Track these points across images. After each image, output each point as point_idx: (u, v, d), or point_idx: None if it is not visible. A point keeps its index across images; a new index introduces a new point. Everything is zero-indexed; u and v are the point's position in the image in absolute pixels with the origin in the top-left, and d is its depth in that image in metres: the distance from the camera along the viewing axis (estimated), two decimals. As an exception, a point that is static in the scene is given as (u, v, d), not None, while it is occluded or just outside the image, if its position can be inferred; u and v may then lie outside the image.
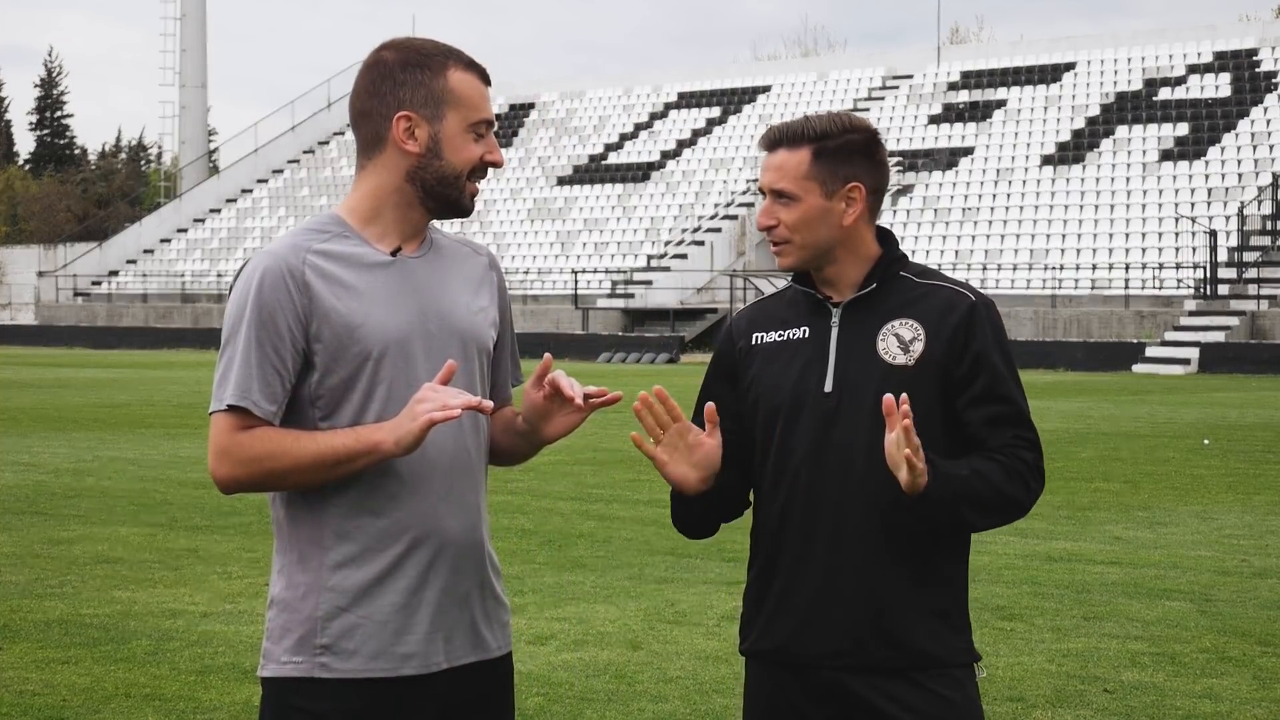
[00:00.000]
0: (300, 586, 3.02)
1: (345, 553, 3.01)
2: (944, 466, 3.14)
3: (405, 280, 3.06)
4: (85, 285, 61.76)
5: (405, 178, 3.06)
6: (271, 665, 3.04)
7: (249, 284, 3.00)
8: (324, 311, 2.99)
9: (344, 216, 3.09)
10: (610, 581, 9.46)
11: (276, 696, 3.03)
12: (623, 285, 48.44)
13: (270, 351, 2.97)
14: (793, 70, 61.00)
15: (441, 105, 3.04)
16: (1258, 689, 7.03)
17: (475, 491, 3.12)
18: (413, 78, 3.04)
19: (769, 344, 3.33)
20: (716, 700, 6.74)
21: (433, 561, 3.04)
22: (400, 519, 3.02)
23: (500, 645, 3.16)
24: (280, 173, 66.23)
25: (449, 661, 3.06)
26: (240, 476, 2.96)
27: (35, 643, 7.78)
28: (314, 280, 2.99)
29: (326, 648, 2.99)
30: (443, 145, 3.05)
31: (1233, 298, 38.79)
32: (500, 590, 3.19)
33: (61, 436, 18.51)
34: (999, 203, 46.95)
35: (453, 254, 3.17)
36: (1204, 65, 50.17)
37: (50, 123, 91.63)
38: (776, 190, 3.26)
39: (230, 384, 2.97)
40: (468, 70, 3.08)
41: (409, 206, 3.08)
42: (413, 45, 3.09)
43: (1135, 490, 13.79)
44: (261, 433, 2.96)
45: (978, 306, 3.26)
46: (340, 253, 3.03)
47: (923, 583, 3.22)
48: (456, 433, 3.08)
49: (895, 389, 3.20)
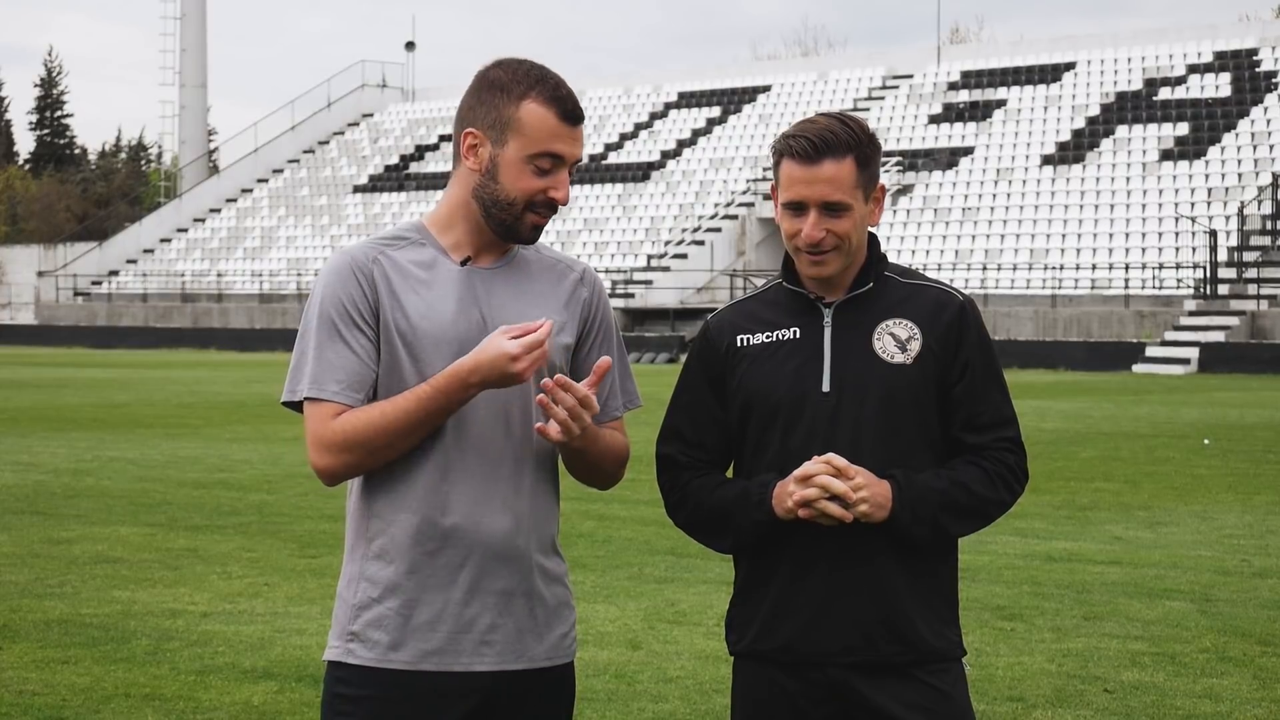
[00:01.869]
0: (348, 575, 3.15)
1: (381, 546, 3.09)
2: (917, 484, 3.19)
3: (472, 289, 3.11)
4: (85, 285, 61.75)
5: (471, 194, 3.12)
6: (327, 649, 3.17)
7: (320, 279, 3.11)
8: (389, 305, 3.07)
9: (426, 224, 3.17)
10: (610, 581, 9.46)
11: (327, 678, 3.15)
12: (623, 285, 48.42)
13: (343, 337, 3.05)
14: (793, 70, 61.00)
15: (506, 130, 3.07)
16: (1258, 689, 7.03)
17: (526, 496, 3.12)
18: (491, 98, 3.09)
19: (756, 345, 3.31)
20: (716, 700, 6.74)
21: (464, 563, 3.08)
22: (432, 517, 3.07)
23: (551, 657, 3.17)
24: (280, 173, 66.21)
25: (481, 664, 3.09)
26: (338, 464, 3.04)
27: (35, 643, 7.77)
28: (380, 276, 3.08)
29: (355, 635, 3.10)
30: (500, 169, 3.08)
31: (1233, 298, 38.80)
32: (558, 600, 3.20)
33: (61, 436, 18.50)
34: (999, 203, 46.94)
35: (539, 268, 3.20)
36: (1204, 65, 50.17)
37: (50, 122, 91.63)
38: (830, 203, 3.19)
39: (305, 375, 3.06)
40: (547, 104, 3.08)
41: (478, 220, 3.13)
42: (512, 67, 3.12)
43: (1135, 490, 13.79)
44: (349, 415, 3.03)
45: (966, 307, 3.31)
46: (411, 257, 3.11)
47: (921, 577, 3.25)
48: (504, 435, 3.10)
49: (896, 387, 3.23)
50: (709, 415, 3.34)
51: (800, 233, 3.21)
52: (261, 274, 57.59)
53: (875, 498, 3.14)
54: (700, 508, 3.31)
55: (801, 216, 3.21)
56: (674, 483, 3.37)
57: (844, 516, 3.13)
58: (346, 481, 3.14)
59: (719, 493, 3.29)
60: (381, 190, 61.53)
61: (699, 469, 3.36)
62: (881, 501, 3.15)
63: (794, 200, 3.21)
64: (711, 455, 3.36)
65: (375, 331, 3.06)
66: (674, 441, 3.38)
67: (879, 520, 3.16)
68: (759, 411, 3.28)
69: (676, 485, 3.36)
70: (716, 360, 3.35)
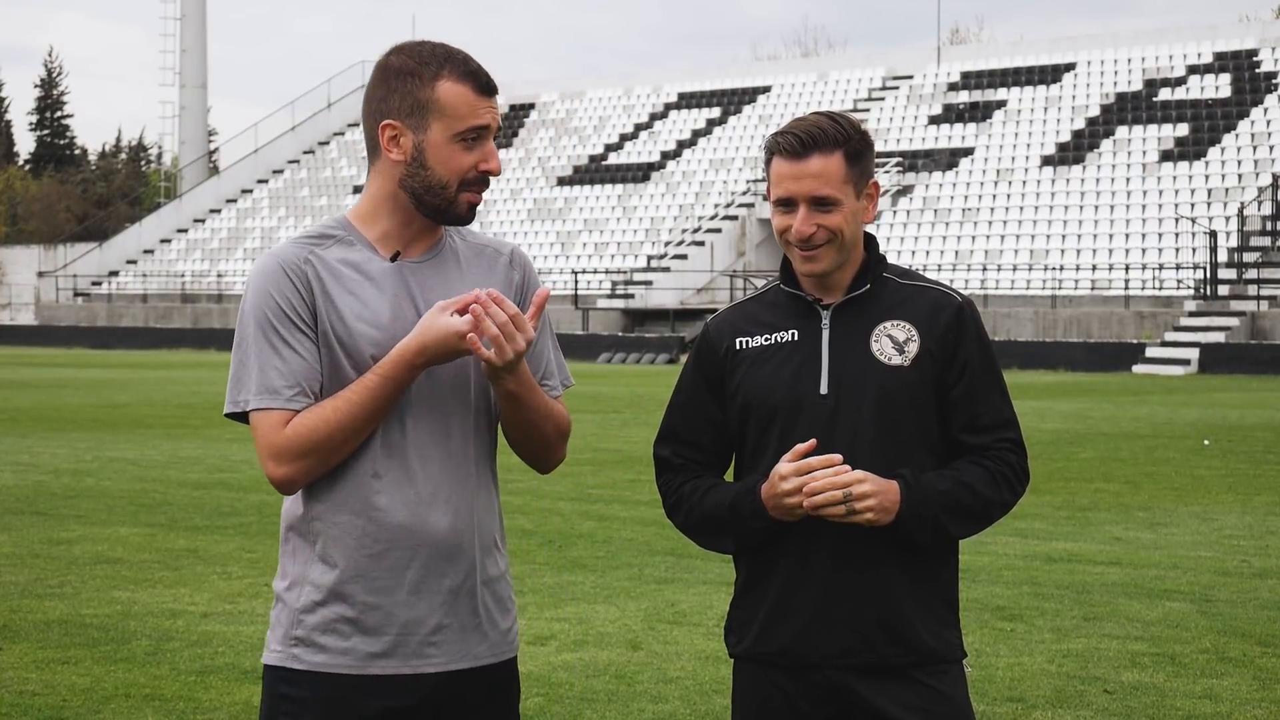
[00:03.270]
0: (289, 578, 3.08)
1: (324, 548, 3.04)
2: (923, 484, 3.19)
3: (405, 286, 3.05)
4: (85, 285, 61.76)
5: (398, 184, 3.06)
6: (266, 653, 3.12)
7: (252, 283, 3.04)
8: (324, 308, 3.01)
9: (351, 220, 3.11)
10: (610, 581, 9.46)
11: (269, 681, 3.10)
12: (623, 285, 48.42)
13: (286, 341, 2.99)
14: (793, 70, 60.99)
15: (427, 115, 3.02)
16: (1258, 689, 7.03)
17: (469, 494, 3.09)
18: (402, 86, 3.03)
19: (755, 348, 3.31)
20: (716, 700, 6.74)
21: (411, 562, 3.03)
22: (378, 518, 3.02)
23: (496, 653, 3.13)
24: (280, 173, 66.21)
25: (429, 666, 3.05)
26: (296, 471, 2.98)
27: (35, 643, 7.77)
28: (313, 277, 3.02)
29: (300, 639, 3.05)
30: (427, 154, 3.02)
31: (1233, 298, 38.79)
32: (501, 597, 3.16)
33: (61, 436, 18.50)
34: (999, 203, 46.94)
35: (468, 254, 3.15)
36: (1204, 65, 50.16)
37: (50, 123, 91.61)
38: (819, 198, 3.20)
39: (250, 384, 3.00)
40: (461, 80, 3.03)
41: (407, 211, 3.07)
42: (414, 50, 3.06)
43: (1135, 490, 13.79)
44: (300, 420, 2.97)
45: (964, 308, 3.30)
46: (340, 256, 3.05)
47: (921, 579, 3.25)
48: (445, 434, 3.06)
49: (893, 389, 3.23)
50: (704, 417, 3.34)
51: (790, 228, 3.22)
52: (261, 274, 57.53)
53: (883, 502, 3.13)
54: (694, 513, 3.32)
55: (791, 213, 3.23)
56: (669, 485, 3.37)
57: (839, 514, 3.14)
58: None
59: (710, 499, 3.29)
60: (381, 190, 61.47)
61: (691, 471, 3.35)
62: (889, 506, 3.14)
63: (783, 196, 3.23)
64: (706, 457, 3.36)
65: (315, 333, 3.00)
66: (669, 443, 3.38)
67: (885, 524, 3.16)
68: (757, 413, 3.28)
69: (672, 488, 3.37)
70: (715, 362, 3.35)
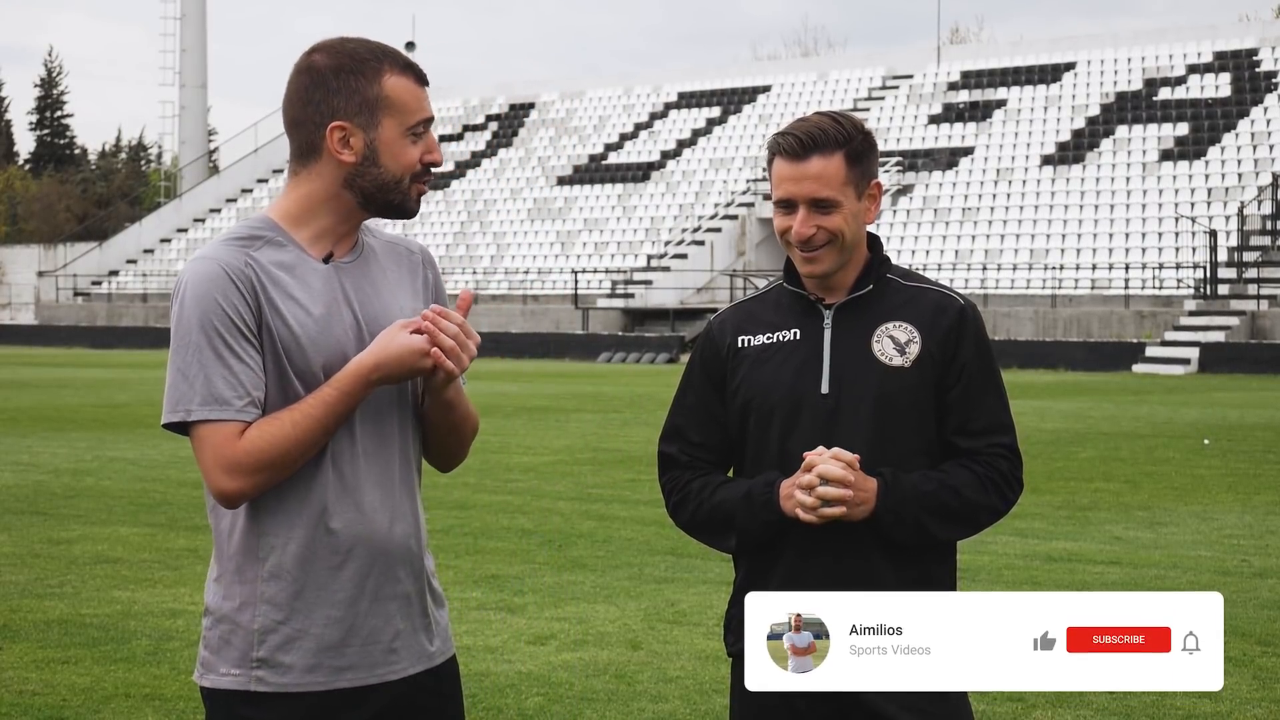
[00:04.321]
0: (237, 598, 2.99)
1: (279, 565, 2.97)
2: (904, 484, 3.20)
3: (340, 288, 3.01)
4: (85, 285, 61.74)
5: (342, 184, 3.01)
6: (211, 676, 3.01)
7: (192, 289, 2.93)
8: (269, 313, 2.94)
9: (276, 219, 3.04)
10: (610, 581, 9.46)
11: (224, 707, 3.00)
12: (623, 285, 48.42)
13: (233, 350, 2.91)
14: (793, 70, 60.98)
15: (377, 112, 2.98)
16: (1258, 689, 7.03)
17: (411, 498, 3.08)
18: (346, 85, 2.98)
19: (757, 346, 3.32)
20: (716, 700, 6.74)
21: (369, 571, 3.00)
22: (333, 529, 2.97)
23: (443, 650, 3.13)
24: (280, 173, 66.18)
25: (393, 674, 3.03)
26: (249, 485, 2.90)
27: (35, 643, 7.77)
28: (257, 282, 2.94)
29: (263, 661, 2.97)
30: (380, 152, 2.99)
31: (1233, 298, 38.78)
32: (437, 593, 3.16)
33: (61, 436, 18.50)
34: (999, 203, 46.94)
35: (386, 255, 3.12)
36: (1204, 65, 50.17)
37: (50, 122, 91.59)
38: (818, 200, 3.21)
39: (196, 394, 2.90)
40: (403, 73, 3.01)
41: (344, 211, 3.03)
42: (345, 49, 3.01)
43: (1135, 490, 13.78)
44: (255, 432, 2.89)
45: (966, 311, 3.31)
46: (273, 258, 2.98)
47: (916, 582, 3.25)
48: (387, 439, 3.04)
49: (894, 390, 3.24)
50: (711, 415, 3.35)
51: (791, 229, 3.23)
52: (261, 274, 57.57)
53: (857, 495, 3.16)
54: (702, 508, 3.32)
55: (791, 214, 3.24)
56: (675, 483, 3.37)
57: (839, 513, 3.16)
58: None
59: (721, 493, 3.29)
60: (381, 190, 61.47)
61: (700, 469, 3.36)
62: (862, 499, 3.16)
63: (783, 198, 3.24)
64: (713, 455, 3.37)
65: (261, 341, 2.93)
66: (675, 441, 3.38)
67: (858, 519, 3.18)
68: (758, 412, 3.29)
69: (678, 485, 3.37)
70: (718, 361, 3.36)
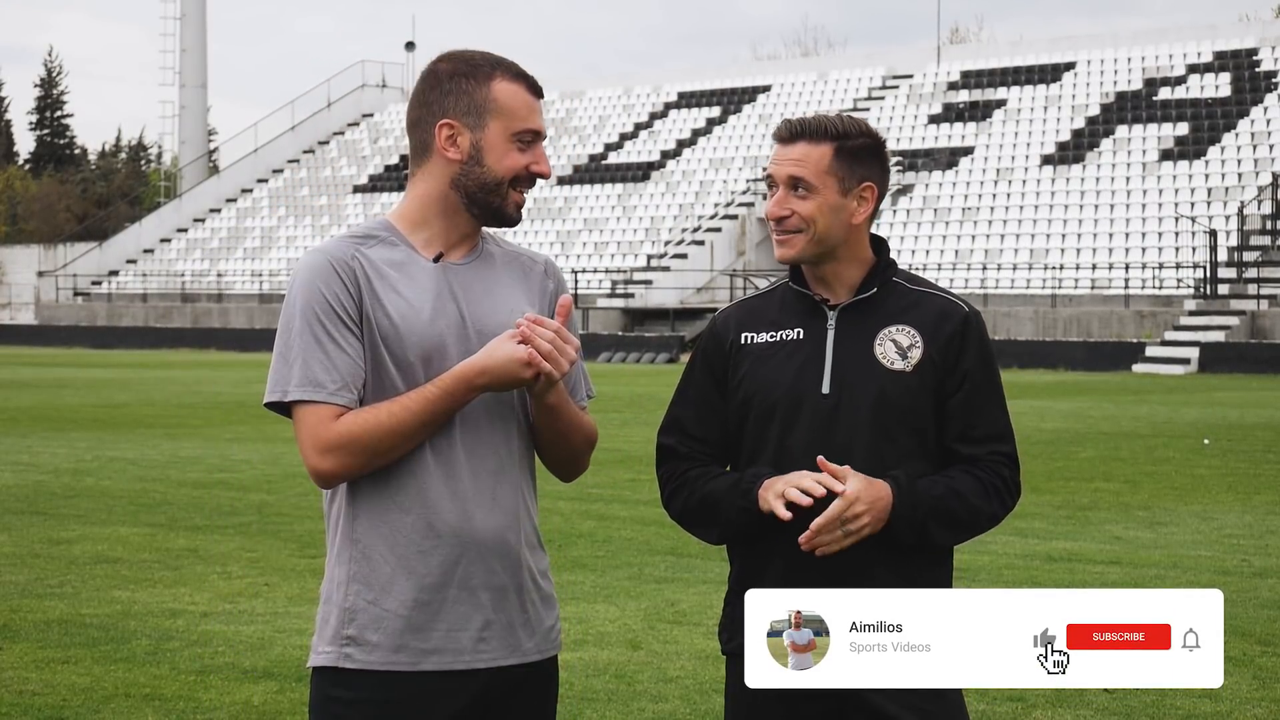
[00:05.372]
0: (335, 579, 3.11)
1: (371, 546, 3.07)
2: (916, 487, 3.21)
3: (447, 286, 3.10)
4: (85, 285, 61.75)
5: (449, 184, 3.12)
6: (313, 655, 3.13)
7: (300, 277, 3.07)
8: (370, 305, 3.05)
9: (394, 222, 3.15)
10: (610, 581, 9.46)
11: (317, 685, 3.12)
12: (623, 285, 48.43)
13: (332, 337, 3.03)
14: (793, 70, 60.98)
15: (484, 114, 3.10)
16: (1258, 689, 7.03)
17: (512, 493, 3.13)
18: (458, 86, 3.11)
19: (760, 344, 3.33)
20: (716, 700, 6.73)
21: (459, 560, 3.07)
22: (425, 516, 3.06)
23: (540, 649, 3.18)
24: (280, 173, 66.21)
25: (480, 661, 3.09)
26: (340, 467, 3.01)
27: (35, 643, 7.77)
28: (360, 275, 3.06)
29: (352, 639, 3.07)
30: (484, 153, 3.10)
31: (1233, 297, 38.77)
32: (546, 594, 3.21)
33: (61, 436, 18.50)
34: (999, 203, 46.94)
35: (505, 262, 3.21)
36: (1204, 65, 50.16)
37: (50, 122, 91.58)
38: (795, 179, 3.25)
39: (294, 376, 3.02)
40: (515, 81, 3.13)
41: (455, 213, 3.13)
42: (464, 56, 3.15)
43: (1135, 490, 13.78)
44: (352, 417, 3.01)
45: (970, 318, 3.33)
46: (384, 255, 3.09)
47: (914, 580, 3.25)
48: (490, 431, 3.11)
49: (894, 393, 3.25)
50: (712, 409, 3.36)
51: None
52: (261, 274, 57.59)
53: (877, 514, 3.17)
54: (693, 496, 3.33)
55: (773, 193, 3.29)
56: (672, 473, 3.39)
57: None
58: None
59: (713, 483, 3.31)
60: (381, 190, 61.51)
61: (698, 460, 3.37)
62: (881, 514, 3.17)
63: (766, 176, 3.31)
64: (712, 449, 3.38)
65: (361, 330, 3.05)
66: (675, 433, 3.40)
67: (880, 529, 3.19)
68: (758, 409, 3.30)
69: (674, 475, 3.38)
70: (721, 356, 3.38)
